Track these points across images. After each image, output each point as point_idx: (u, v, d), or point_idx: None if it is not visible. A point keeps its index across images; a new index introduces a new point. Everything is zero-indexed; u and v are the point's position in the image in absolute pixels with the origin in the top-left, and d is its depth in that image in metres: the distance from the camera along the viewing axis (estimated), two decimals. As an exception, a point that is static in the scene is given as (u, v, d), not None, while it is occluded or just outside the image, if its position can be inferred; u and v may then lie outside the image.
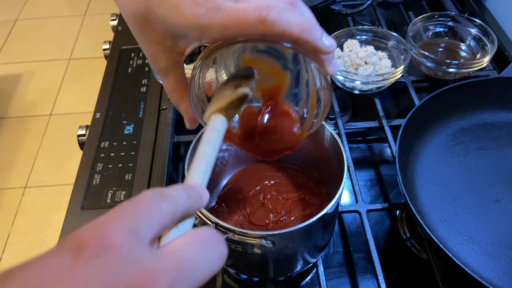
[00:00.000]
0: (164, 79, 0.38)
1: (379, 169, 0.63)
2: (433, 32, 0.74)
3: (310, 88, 0.40)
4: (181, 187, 0.27)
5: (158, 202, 0.23)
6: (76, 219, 0.53)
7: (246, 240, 0.38)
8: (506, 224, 0.50)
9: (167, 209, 0.23)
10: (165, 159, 0.58)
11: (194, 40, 0.33)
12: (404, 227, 0.56)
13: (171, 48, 0.35)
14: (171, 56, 0.35)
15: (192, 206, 0.26)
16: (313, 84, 0.40)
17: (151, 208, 0.23)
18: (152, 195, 0.23)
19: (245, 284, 0.52)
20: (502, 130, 0.59)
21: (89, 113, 1.68)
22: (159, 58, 0.36)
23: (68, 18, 2.25)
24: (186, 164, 0.44)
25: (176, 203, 0.24)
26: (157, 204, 0.23)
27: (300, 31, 0.30)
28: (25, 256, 1.35)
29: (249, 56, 0.40)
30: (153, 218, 0.22)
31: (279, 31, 0.30)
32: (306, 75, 0.40)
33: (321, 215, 0.39)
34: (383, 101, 0.67)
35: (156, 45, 0.35)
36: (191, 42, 0.34)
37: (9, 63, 2.01)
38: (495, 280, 0.45)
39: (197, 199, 0.27)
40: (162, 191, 0.24)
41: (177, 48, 0.35)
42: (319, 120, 0.40)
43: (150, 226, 0.22)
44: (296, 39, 0.31)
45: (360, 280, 0.51)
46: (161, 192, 0.24)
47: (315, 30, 0.31)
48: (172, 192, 0.25)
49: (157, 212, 0.23)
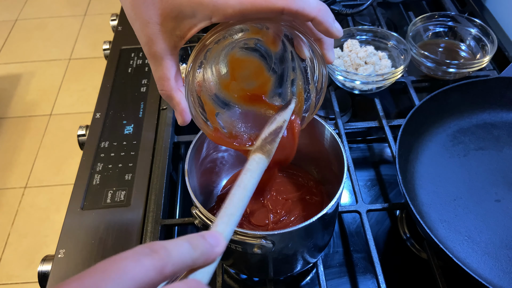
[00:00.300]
0: (157, 66, 0.35)
1: (379, 169, 0.63)
2: (433, 32, 0.74)
3: (296, 87, 0.41)
4: (185, 238, 0.25)
5: (140, 257, 0.22)
6: (76, 219, 0.53)
7: (246, 240, 0.38)
8: (506, 224, 0.50)
9: (149, 264, 0.22)
10: (165, 159, 0.58)
11: (203, 19, 0.32)
12: (404, 227, 0.56)
13: (171, 30, 0.33)
14: (170, 39, 0.33)
15: (198, 258, 0.25)
16: (300, 83, 0.40)
17: (128, 264, 0.21)
18: (139, 250, 0.22)
19: (245, 284, 0.52)
20: (502, 130, 0.59)
21: (89, 113, 1.68)
22: (155, 40, 0.33)
23: (68, 18, 2.25)
24: (186, 164, 0.44)
25: (168, 256, 0.23)
26: (138, 260, 0.22)
27: (317, 11, 0.32)
28: (25, 256, 1.35)
29: (237, 54, 0.39)
30: (127, 275, 0.21)
31: (299, 8, 0.31)
32: (293, 74, 0.40)
33: (321, 215, 0.39)
34: (383, 101, 0.67)
35: (155, 25, 0.33)
36: (197, 23, 0.32)
37: (9, 63, 2.01)
38: (495, 280, 0.45)
39: (205, 249, 0.25)
40: (155, 245, 0.23)
41: (178, 30, 0.33)
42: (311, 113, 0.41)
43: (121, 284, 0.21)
44: (313, 18, 0.32)
45: (360, 280, 0.51)
46: (152, 247, 0.23)
47: (329, 13, 0.33)
48: (168, 244, 0.23)
49: (134, 269, 0.21)
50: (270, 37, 0.38)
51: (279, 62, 0.40)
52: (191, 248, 0.24)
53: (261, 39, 0.38)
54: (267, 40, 0.38)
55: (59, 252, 0.50)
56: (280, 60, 0.40)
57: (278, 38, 0.38)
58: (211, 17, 0.31)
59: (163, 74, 0.35)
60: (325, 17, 0.32)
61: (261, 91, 0.42)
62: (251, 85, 0.41)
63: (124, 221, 0.52)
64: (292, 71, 0.40)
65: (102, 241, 0.51)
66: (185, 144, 0.63)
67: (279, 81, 0.41)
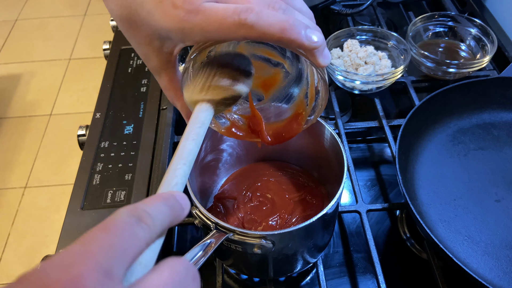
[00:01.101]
0: (158, 78, 0.38)
1: (379, 169, 0.63)
2: (433, 32, 0.74)
3: (309, 78, 0.40)
4: (162, 199, 0.24)
5: (133, 227, 0.21)
6: (76, 219, 0.53)
7: (246, 240, 0.38)
8: (506, 224, 0.50)
9: (143, 235, 0.21)
10: (165, 159, 0.58)
11: (179, 42, 0.33)
12: (404, 227, 0.56)
13: (159, 49, 0.35)
14: (161, 56, 0.35)
15: (172, 221, 0.24)
16: (312, 75, 0.39)
17: (125, 237, 0.20)
18: (128, 219, 0.21)
19: (245, 284, 0.52)
20: (502, 130, 0.59)
21: (89, 113, 1.68)
22: (150, 58, 0.36)
23: (68, 18, 2.25)
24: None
25: (154, 225, 0.22)
26: (133, 231, 0.21)
27: (280, 31, 0.29)
28: (25, 256, 1.35)
29: (244, 47, 0.39)
30: (127, 250, 0.20)
31: (259, 33, 0.29)
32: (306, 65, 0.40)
33: (321, 215, 0.39)
34: (383, 101, 0.67)
35: (145, 45, 0.35)
36: (176, 44, 0.34)
37: (9, 63, 2.01)
38: (495, 280, 0.45)
39: (179, 212, 0.25)
40: (138, 211, 0.22)
41: (165, 48, 0.35)
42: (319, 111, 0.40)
43: (124, 261, 0.20)
44: (278, 39, 0.30)
45: (360, 280, 0.51)
46: (137, 213, 0.22)
47: (297, 28, 0.29)
48: (150, 210, 0.22)
49: (132, 242, 0.21)
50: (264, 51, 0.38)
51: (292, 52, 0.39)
52: (169, 212, 0.24)
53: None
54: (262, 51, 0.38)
55: (59, 252, 0.50)
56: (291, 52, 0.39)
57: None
58: (184, 41, 0.33)
59: (164, 85, 0.39)
60: (292, 35, 0.29)
61: (274, 80, 0.42)
62: (267, 72, 0.41)
63: (124, 221, 0.52)
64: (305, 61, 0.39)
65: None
66: (185, 144, 0.63)
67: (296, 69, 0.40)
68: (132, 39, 0.36)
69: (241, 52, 0.38)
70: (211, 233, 0.39)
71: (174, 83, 0.38)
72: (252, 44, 0.39)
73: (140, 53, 0.37)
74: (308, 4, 0.36)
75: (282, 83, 0.42)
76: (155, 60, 0.36)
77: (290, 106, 0.43)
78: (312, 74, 0.39)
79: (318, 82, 0.39)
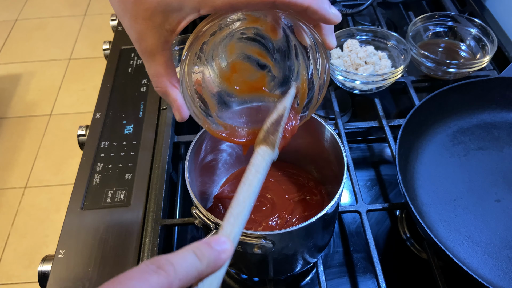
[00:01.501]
0: (150, 62, 0.34)
1: (379, 169, 0.63)
2: (433, 32, 0.74)
3: (299, 76, 0.39)
4: (191, 248, 0.24)
5: (147, 276, 0.21)
6: (76, 219, 0.53)
7: (246, 240, 0.38)
8: (506, 224, 0.50)
9: (156, 282, 0.21)
10: (165, 159, 0.58)
11: (191, 12, 0.31)
12: (404, 227, 0.56)
13: (160, 25, 0.32)
14: (159, 34, 0.32)
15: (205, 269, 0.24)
16: (304, 72, 0.39)
17: (135, 285, 0.21)
18: (145, 268, 0.22)
19: (245, 284, 0.52)
20: (502, 130, 0.59)
21: (89, 113, 1.68)
22: (145, 37, 0.33)
23: (68, 18, 2.25)
24: (186, 165, 0.44)
25: (175, 272, 0.22)
26: (145, 279, 0.21)
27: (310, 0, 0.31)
28: (25, 256, 1.35)
29: (236, 45, 0.38)
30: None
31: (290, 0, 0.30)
32: (296, 64, 0.39)
33: (321, 215, 0.39)
34: (383, 101, 0.67)
35: (143, 21, 0.32)
36: (185, 16, 0.31)
37: (9, 63, 2.01)
38: (495, 280, 0.45)
39: (212, 258, 0.25)
40: (161, 261, 0.22)
41: (167, 24, 0.32)
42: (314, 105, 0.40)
43: None
44: (306, 7, 0.31)
45: (360, 280, 0.51)
46: (158, 263, 0.22)
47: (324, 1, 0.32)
48: (173, 259, 0.23)
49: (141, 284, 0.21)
50: (269, 25, 0.36)
51: (282, 52, 0.39)
52: (197, 260, 0.24)
53: (260, 27, 0.37)
54: (266, 28, 0.36)
55: (59, 252, 0.50)
56: (282, 49, 0.38)
57: (278, 25, 0.36)
58: (199, 9, 0.30)
59: (157, 71, 0.35)
60: (319, 5, 0.31)
61: (264, 82, 0.40)
62: (253, 76, 0.40)
63: (124, 221, 0.52)
64: (296, 59, 0.39)
65: (102, 241, 0.51)
66: (185, 144, 0.63)
67: (283, 71, 0.40)
68: (127, 14, 0.32)
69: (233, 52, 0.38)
70: (211, 233, 0.39)
71: (168, 69, 0.35)
72: (244, 42, 0.38)
73: (133, 31, 0.33)
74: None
75: (268, 87, 0.41)
76: (151, 40, 0.33)
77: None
78: (303, 73, 0.39)
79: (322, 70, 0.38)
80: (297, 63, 0.39)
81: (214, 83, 0.39)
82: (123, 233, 0.51)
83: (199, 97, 0.38)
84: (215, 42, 0.37)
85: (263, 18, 0.36)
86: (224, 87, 0.40)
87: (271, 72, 0.40)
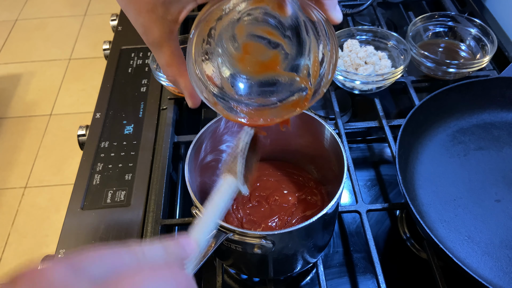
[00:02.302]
0: (159, 53, 0.36)
1: (379, 169, 0.63)
2: (433, 32, 0.74)
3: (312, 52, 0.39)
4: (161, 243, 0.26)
5: (119, 251, 0.22)
6: (76, 219, 0.53)
7: (246, 240, 0.38)
8: (506, 224, 0.50)
9: (128, 257, 0.22)
10: (165, 159, 0.58)
11: (189, 1, 0.32)
12: (404, 227, 0.56)
13: (163, 16, 0.33)
14: (163, 25, 0.33)
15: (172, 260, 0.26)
16: (315, 50, 0.38)
17: (106, 253, 0.22)
18: (119, 248, 0.23)
19: (245, 284, 0.52)
20: (502, 130, 0.59)
21: (89, 113, 1.68)
22: (151, 29, 0.34)
23: (68, 18, 2.25)
24: (186, 165, 0.44)
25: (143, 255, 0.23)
26: (117, 252, 0.22)
27: None
28: (25, 256, 1.35)
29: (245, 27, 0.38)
30: (105, 260, 0.21)
31: None
32: (308, 40, 0.38)
33: (321, 215, 0.39)
34: (383, 101, 0.67)
35: (147, 13, 0.33)
36: (185, 5, 0.32)
37: (9, 63, 2.01)
38: (495, 280, 0.45)
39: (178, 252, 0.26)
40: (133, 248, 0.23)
41: (169, 15, 0.33)
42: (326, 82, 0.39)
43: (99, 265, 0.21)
44: None
45: (360, 280, 0.51)
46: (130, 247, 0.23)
47: None
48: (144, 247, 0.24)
49: (113, 257, 0.22)
50: (275, 2, 0.36)
51: (292, 28, 0.38)
52: (165, 253, 0.25)
53: (267, 6, 0.36)
54: (273, 6, 0.36)
55: (59, 252, 0.50)
56: (292, 26, 0.38)
57: (284, 2, 0.36)
58: None
59: (165, 61, 0.36)
60: None
61: (277, 61, 0.40)
62: (267, 56, 0.39)
63: (124, 221, 0.52)
64: (307, 35, 0.38)
65: (102, 241, 0.51)
66: (185, 144, 0.63)
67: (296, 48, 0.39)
68: (131, 8, 0.33)
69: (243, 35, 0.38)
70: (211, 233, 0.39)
71: (176, 58, 0.36)
72: (253, 23, 0.37)
73: (139, 24, 0.34)
74: (308, 5, 0.36)
75: (281, 65, 0.41)
76: (156, 31, 0.34)
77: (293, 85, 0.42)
78: (315, 49, 0.38)
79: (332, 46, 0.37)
80: (308, 39, 0.38)
81: (227, 66, 0.39)
82: (123, 233, 0.51)
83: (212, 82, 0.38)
84: (223, 26, 0.36)
85: None
86: (238, 69, 0.39)
87: (284, 50, 0.39)
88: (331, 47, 0.37)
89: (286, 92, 0.40)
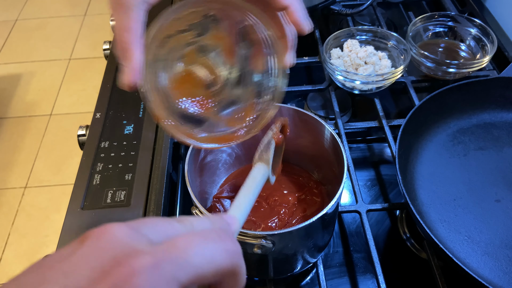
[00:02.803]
0: (122, 14, 0.33)
1: (379, 169, 0.63)
2: (433, 32, 0.74)
3: (247, 103, 0.41)
4: (207, 216, 0.27)
5: (171, 221, 0.24)
6: (76, 219, 0.53)
7: (246, 240, 0.38)
8: (506, 224, 0.50)
9: (179, 227, 0.24)
10: (165, 159, 0.58)
11: None
12: (404, 227, 0.56)
13: None
14: None
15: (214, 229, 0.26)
16: (251, 100, 0.41)
17: (160, 220, 0.23)
18: (168, 218, 0.24)
19: (245, 284, 0.52)
20: (502, 130, 0.59)
21: (89, 113, 1.68)
22: None
23: (68, 18, 2.25)
24: (186, 165, 0.44)
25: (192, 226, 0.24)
26: (169, 221, 0.24)
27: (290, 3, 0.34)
28: (25, 256, 1.35)
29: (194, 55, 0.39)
30: (159, 226, 0.23)
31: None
32: (245, 92, 0.41)
33: (321, 215, 0.39)
34: (383, 101, 0.67)
35: None
36: None
37: (9, 63, 2.01)
38: (495, 280, 0.45)
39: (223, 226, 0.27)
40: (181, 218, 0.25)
41: None
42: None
43: (154, 230, 0.23)
44: (288, 5, 0.33)
45: (360, 280, 0.51)
46: (180, 218, 0.25)
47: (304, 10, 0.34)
48: (192, 219, 0.25)
49: (166, 224, 0.23)
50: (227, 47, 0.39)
51: (232, 80, 0.40)
52: (211, 224, 0.26)
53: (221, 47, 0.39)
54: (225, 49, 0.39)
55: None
56: (234, 78, 0.40)
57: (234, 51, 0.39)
58: None
59: (127, 24, 0.33)
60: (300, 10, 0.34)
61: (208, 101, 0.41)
62: (199, 93, 0.40)
63: (124, 221, 0.52)
64: (245, 86, 0.40)
65: (102, 241, 0.50)
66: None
67: (228, 96, 0.41)
68: None
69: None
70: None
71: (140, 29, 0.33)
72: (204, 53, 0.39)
73: None
74: (308, 4, 0.37)
75: (212, 108, 0.41)
76: None
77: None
78: (251, 99, 0.40)
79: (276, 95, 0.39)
80: (245, 91, 0.41)
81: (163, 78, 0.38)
82: (123, 233, 0.51)
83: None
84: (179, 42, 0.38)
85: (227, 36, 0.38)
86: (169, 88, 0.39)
87: (218, 93, 0.41)
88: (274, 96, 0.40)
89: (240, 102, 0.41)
